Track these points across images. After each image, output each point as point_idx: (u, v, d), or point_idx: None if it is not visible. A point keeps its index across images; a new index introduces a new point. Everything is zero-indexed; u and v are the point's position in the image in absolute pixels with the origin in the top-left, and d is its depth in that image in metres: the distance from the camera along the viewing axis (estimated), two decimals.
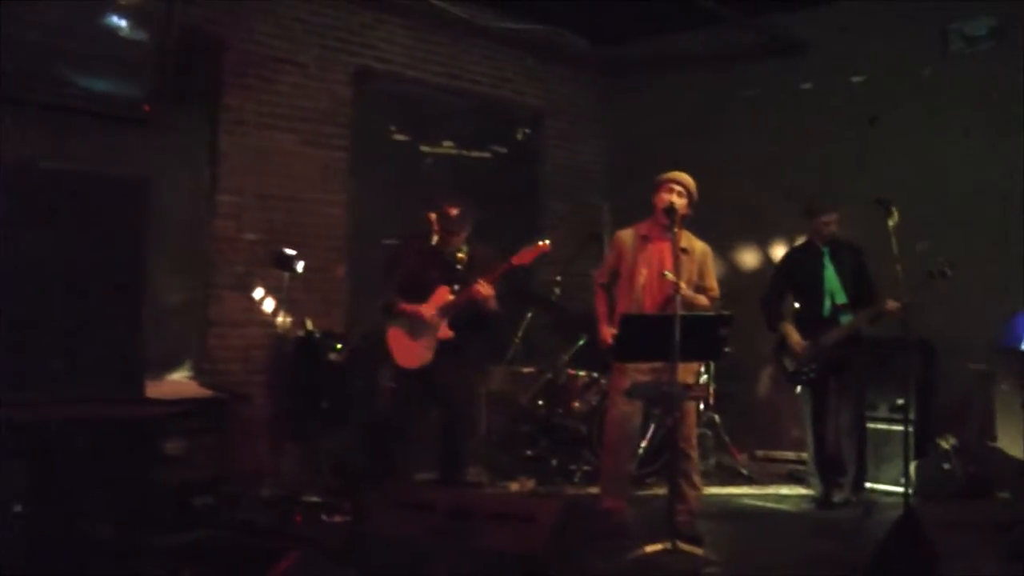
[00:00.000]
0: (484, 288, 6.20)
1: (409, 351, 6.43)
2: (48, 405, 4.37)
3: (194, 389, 5.29)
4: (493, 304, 6.31)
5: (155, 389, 4.71)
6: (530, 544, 4.12)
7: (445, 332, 6.35)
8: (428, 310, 6.37)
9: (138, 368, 4.54)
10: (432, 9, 9.09)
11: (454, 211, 6.39)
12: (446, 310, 6.36)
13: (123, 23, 6.94)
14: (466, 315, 6.38)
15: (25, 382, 4.33)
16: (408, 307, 6.42)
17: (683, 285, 5.88)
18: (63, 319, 4.33)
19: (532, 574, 4.08)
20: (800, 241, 8.07)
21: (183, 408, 4.95)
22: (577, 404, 8.40)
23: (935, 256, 6.91)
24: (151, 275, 6.11)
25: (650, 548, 5.58)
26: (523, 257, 6.31)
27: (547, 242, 6.39)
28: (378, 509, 4.81)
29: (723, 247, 6.66)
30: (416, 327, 6.40)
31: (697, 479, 6.40)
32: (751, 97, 9.64)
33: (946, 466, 7.47)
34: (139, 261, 4.56)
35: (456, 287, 6.38)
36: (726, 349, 6.12)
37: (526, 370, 9.07)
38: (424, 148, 9.18)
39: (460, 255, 6.47)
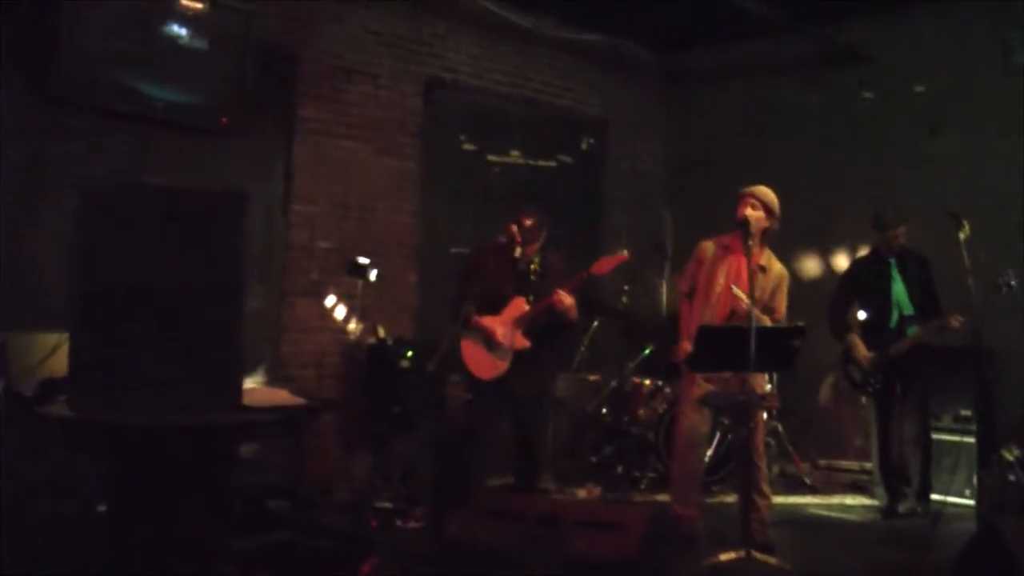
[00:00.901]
0: (565, 298, 6.26)
1: (485, 362, 6.49)
2: (146, 410, 4.49)
3: (285, 396, 5.40)
4: (573, 313, 6.37)
5: (246, 396, 4.82)
6: (621, 552, 4.21)
7: (522, 342, 6.42)
8: (502, 327, 6.43)
9: (238, 377, 4.66)
10: (498, 19, 9.20)
11: (529, 221, 6.47)
12: (522, 321, 6.42)
13: (200, 36, 7.07)
14: (542, 324, 6.46)
15: (124, 387, 4.46)
16: (483, 321, 6.47)
17: (748, 301, 5.89)
18: (165, 329, 4.45)
19: None
20: (865, 251, 8.10)
21: (281, 416, 5.06)
22: (643, 412, 8.47)
23: (1000, 265, 6.92)
24: None
25: (725, 556, 5.65)
26: (602, 266, 6.38)
27: (625, 252, 6.46)
28: (462, 516, 4.89)
29: (785, 256, 6.68)
30: (490, 339, 6.47)
31: (767, 488, 6.45)
32: (812, 106, 9.66)
33: (1011, 477, 7.46)
34: (241, 273, 4.66)
35: (531, 297, 6.45)
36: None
37: (592, 378, 9.17)
38: (491, 157, 9.28)
39: (533, 265, 6.52)
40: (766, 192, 6.37)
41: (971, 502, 7.41)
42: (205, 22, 7.05)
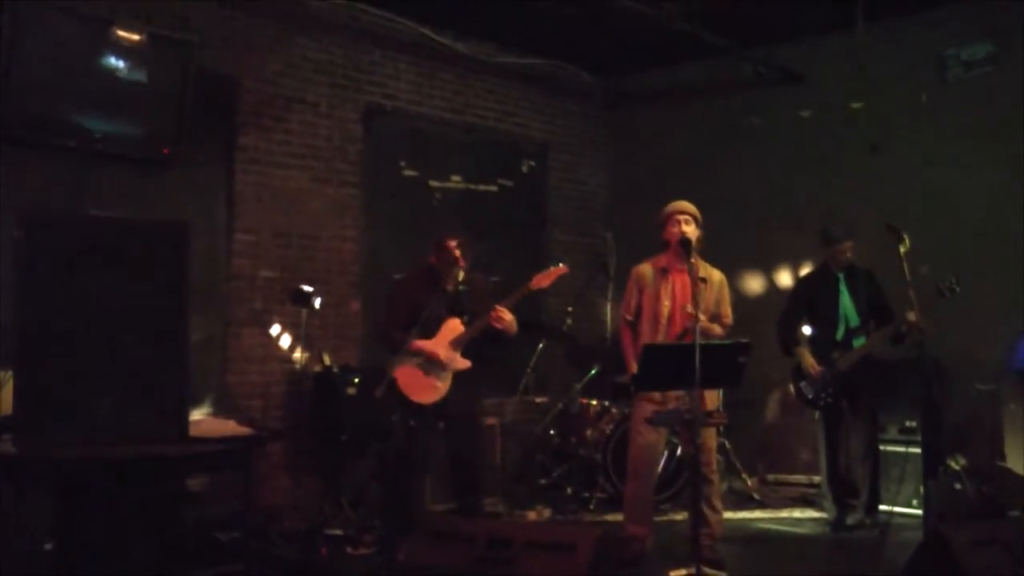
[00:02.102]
0: (505, 314, 6.28)
1: (424, 386, 6.43)
2: (92, 444, 4.44)
3: (232, 427, 5.36)
4: (513, 328, 6.38)
5: (193, 428, 4.78)
6: (571, 572, 4.21)
7: (462, 363, 6.41)
8: (442, 348, 6.42)
9: (183, 408, 4.62)
10: (437, 46, 9.25)
11: (452, 243, 6.47)
12: (460, 341, 6.42)
13: (140, 68, 7.02)
14: (478, 343, 6.46)
15: (71, 422, 4.41)
16: (424, 346, 6.41)
17: (701, 316, 5.96)
18: (110, 361, 4.40)
19: None
20: (809, 268, 8.21)
21: (229, 447, 5.01)
22: (590, 432, 8.49)
23: (942, 277, 7.04)
24: None
25: (674, 573, 5.69)
26: (541, 280, 6.39)
27: (564, 265, 6.51)
28: (412, 541, 4.87)
29: (729, 275, 6.72)
30: (429, 362, 6.44)
31: (718, 503, 6.49)
32: (753, 126, 9.78)
33: (957, 486, 7.56)
34: (184, 304, 4.63)
35: (465, 318, 6.45)
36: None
37: (539, 400, 9.20)
38: (433, 183, 9.29)
39: (461, 286, 6.53)
40: (691, 206, 6.43)
41: (918, 511, 7.49)
42: (144, 54, 7.00)
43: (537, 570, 4.29)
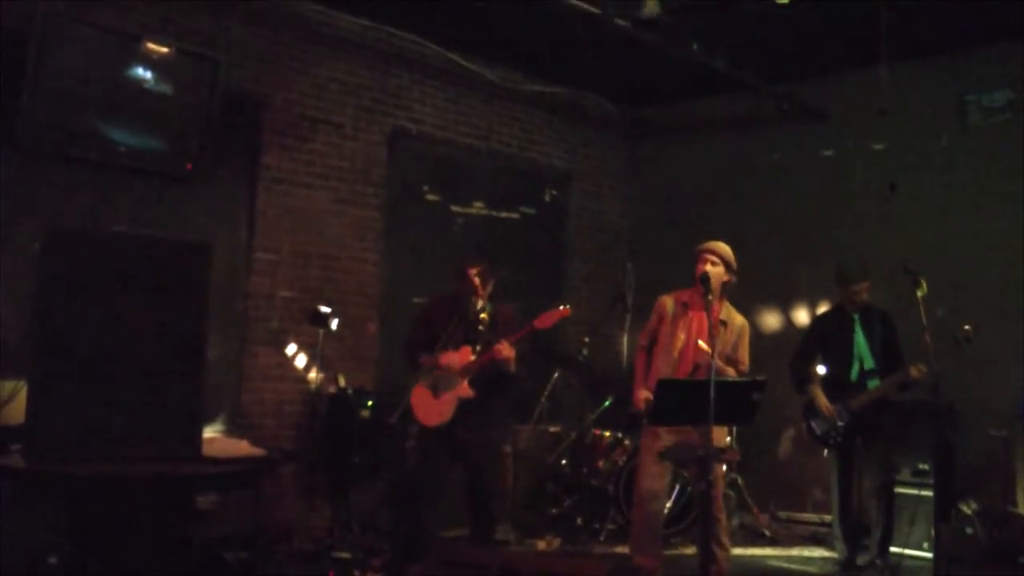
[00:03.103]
0: (505, 349, 6.29)
1: (431, 408, 6.48)
2: (105, 460, 4.46)
3: (245, 448, 5.38)
4: (512, 365, 6.40)
5: (206, 447, 4.80)
6: None
7: (466, 391, 6.41)
8: (446, 358, 6.46)
9: (197, 428, 4.64)
10: (463, 71, 9.29)
11: (472, 271, 6.51)
12: (467, 370, 6.43)
13: (167, 82, 7.08)
14: (487, 375, 6.47)
15: (83, 438, 4.43)
16: (441, 359, 6.46)
17: (716, 358, 5.96)
18: (125, 378, 4.43)
19: None
20: (826, 306, 8.20)
21: (241, 467, 5.03)
22: (603, 463, 8.47)
23: (957, 322, 7.02)
24: None
25: None
26: (544, 321, 6.41)
27: (567, 307, 6.52)
28: (422, 568, 4.87)
29: (746, 310, 6.73)
30: (439, 384, 6.46)
31: (726, 540, 6.47)
32: (774, 162, 9.80)
33: (969, 530, 7.51)
34: (202, 324, 4.66)
35: (478, 347, 6.46)
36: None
37: (552, 429, 9.17)
38: (455, 208, 9.32)
39: (483, 315, 6.55)
40: (723, 247, 6.44)
41: (928, 554, 7.45)
42: (171, 68, 7.06)
43: None
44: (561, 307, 6.51)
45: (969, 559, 7.27)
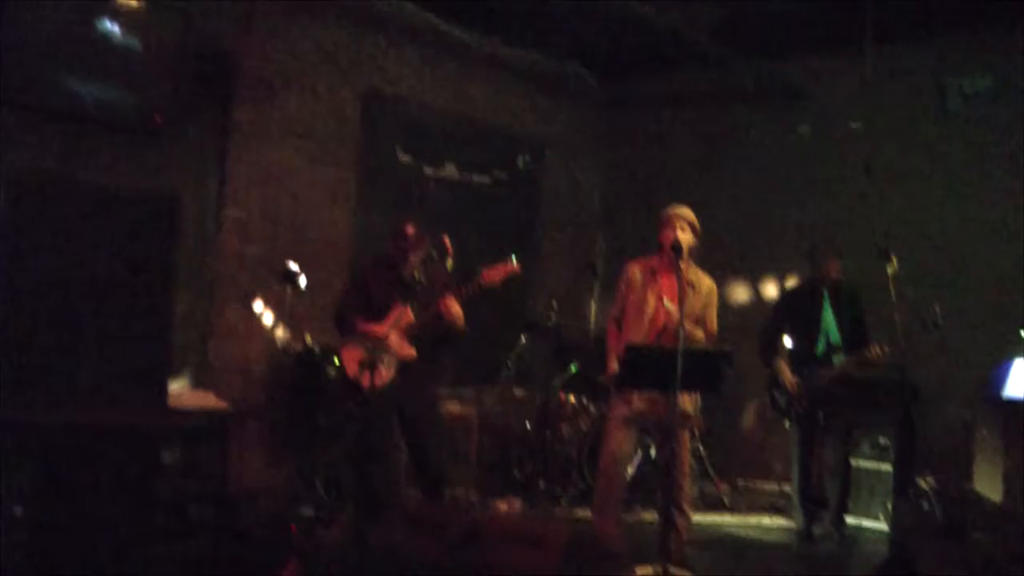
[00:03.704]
0: (453, 306, 6.26)
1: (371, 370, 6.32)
2: (70, 411, 4.45)
3: (211, 401, 5.37)
4: (461, 322, 6.35)
5: (171, 399, 4.79)
6: (541, 566, 4.24)
7: (408, 351, 6.40)
8: (385, 330, 6.41)
9: (163, 379, 4.63)
10: (440, 34, 9.25)
11: (411, 231, 6.47)
12: (408, 330, 6.40)
13: (137, 35, 7.00)
14: (429, 334, 6.46)
15: (50, 387, 4.41)
16: (375, 328, 6.40)
17: (686, 322, 6.01)
18: (92, 329, 4.41)
19: None
20: (795, 281, 8.27)
21: (203, 420, 5.03)
22: (567, 429, 8.52)
23: (926, 302, 7.09)
24: None
25: (641, 571, 5.72)
26: (491, 275, 6.33)
27: (515, 262, 6.44)
28: (385, 525, 4.90)
29: (716, 281, 6.79)
30: (376, 345, 6.37)
31: (688, 507, 6.51)
32: (749, 138, 9.83)
33: (925, 505, 7.62)
34: (169, 276, 4.64)
35: (415, 306, 6.42)
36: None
37: (518, 393, 9.20)
38: (427, 170, 9.30)
39: (417, 274, 6.52)
40: (689, 212, 6.44)
41: (884, 527, 7.57)
42: (140, 21, 6.97)
43: (507, 563, 4.32)
44: (509, 262, 6.41)
45: (924, 534, 7.39)
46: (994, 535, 7.42)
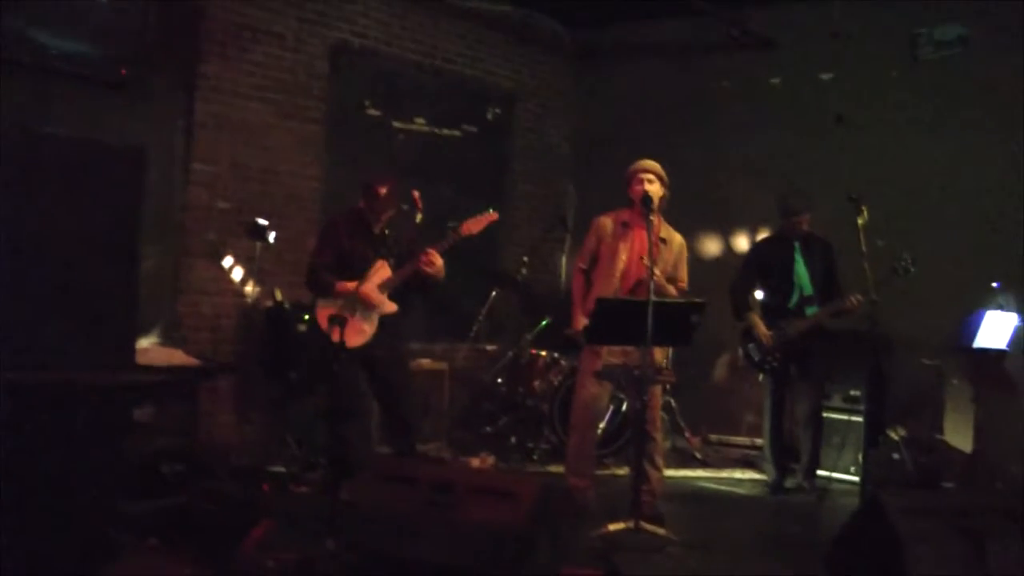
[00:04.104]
0: (436, 258, 6.23)
1: (351, 329, 6.18)
2: (36, 369, 4.39)
3: (180, 357, 5.32)
4: (442, 274, 6.33)
5: (140, 356, 4.74)
6: (512, 520, 4.23)
7: (390, 306, 6.38)
8: (373, 291, 6.38)
9: (131, 336, 4.58)
10: None
11: (384, 190, 6.41)
12: (388, 284, 6.37)
13: None
14: (409, 287, 6.44)
15: (14, 344, 4.34)
16: (358, 288, 6.31)
17: (658, 272, 6.02)
18: (58, 284, 4.34)
19: (514, 548, 4.19)
20: (767, 233, 8.26)
21: (173, 377, 4.98)
22: (538, 383, 8.51)
23: (898, 252, 7.10)
24: None
25: (613, 526, 5.72)
26: (471, 226, 6.35)
27: (494, 211, 6.47)
28: (357, 481, 4.88)
29: (687, 235, 6.76)
30: (356, 305, 6.35)
31: (660, 461, 6.53)
32: (721, 88, 9.79)
33: (895, 456, 7.68)
34: (135, 231, 4.57)
35: (392, 261, 6.39)
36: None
37: (489, 348, 9.20)
38: (396, 124, 9.21)
39: (387, 231, 6.47)
40: (656, 165, 6.44)
41: (856, 478, 7.62)
42: None
43: (479, 516, 4.31)
44: (489, 211, 6.45)
45: (895, 483, 7.46)
46: (964, 484, 7.53)
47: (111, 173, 4.50)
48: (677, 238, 6.55)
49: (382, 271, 6.39)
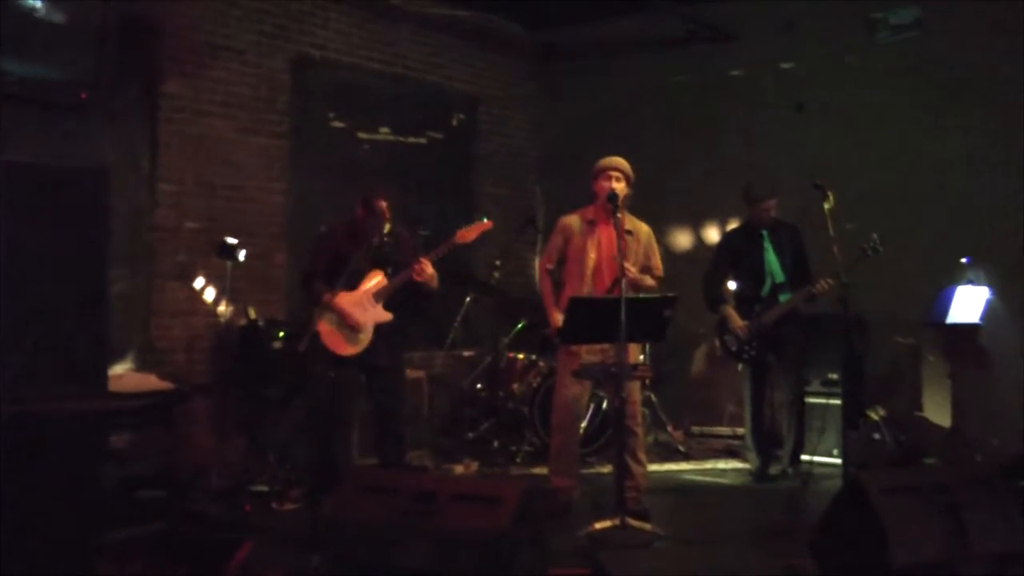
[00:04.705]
0: (428, 267, 6.23)
1: (346, 338, 6.38)
2: (6, 400, 4.34)
3: (154, 382, 5.28)
4: (435, 282, 6.35)
5: (113, 383, 4.69)
6: (495, 524, 4.22)
7: (384, 315, 6.37)
8: (359, 307, 6.35)
9: (102, 363, 4.53)
10: None
11: (382, 204, 6.39)
12: (382, 294, 6.37)
13: (58, 9, 6.82)
14: (402, 296, 6.43)
15: None
16: (340, 304, 6.33)
17: (631, 267, 6.03)
18: (25, 314, 4.30)
19: (499, 553, 4.18)
20: (737, 223, 8.28)
21: (148, 401, 4.94)
22: (517, 386, 8.52)
23: (866, 234, 7.12)
24: None
25: (600, 525, 5.72)
26: (466, 235, 6.36)
27: (488, 220, 6.49)
28: (338, 495, 4.85)
29: (656, 230, 6.77)
30: (345, 322, 6.37)
31: (643, 456, 6.55)
32: (682, 83, 9.81)
33: (876, 435, 7.72)
34: (102, 255, 4.53)
35: (388, 270, 6.40)
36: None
37: (467, 354, 9.19)
38: (361, 135, 9.18)
39: (386, 239, 6.46)
40: (622, 162, 6.47)
41: (838, 461, 7.63)
42: None
43: (462, 523, 4.29)
44: (483, 219, 6.48)
45: (877, 463, 7.49)
46: (945, 459, 7.58)
47: (75, 196, 4.45)
48: (643, 227, 6.57)
49: (377, 281, 6.39)
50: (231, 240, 7.35)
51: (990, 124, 8.09)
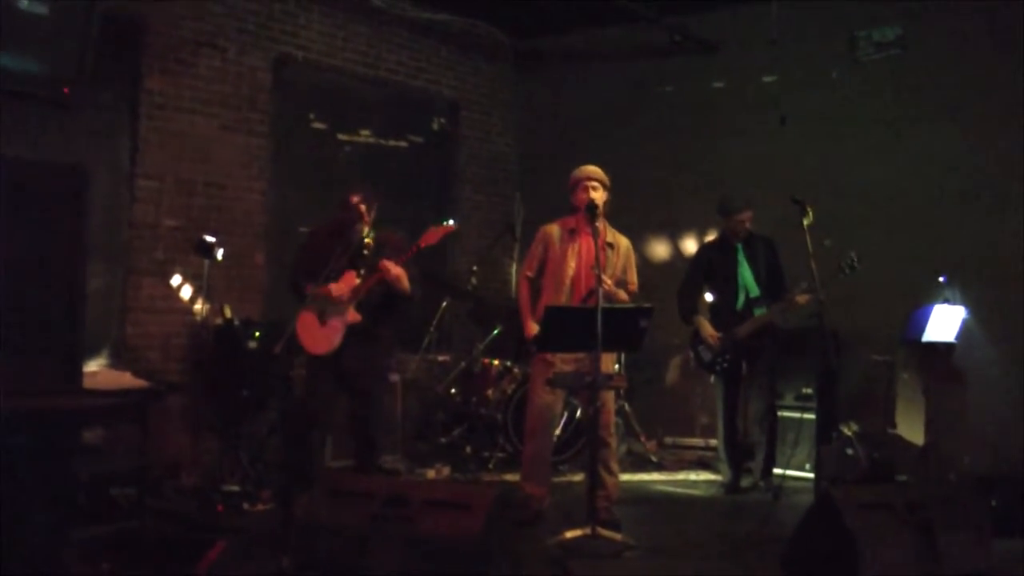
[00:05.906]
0: (392, 268, 6.19)
1: (317, 336, 6.36)
2: None
3: (128, 380, 5.26)
4: (404, 285, 6.29)
5: (88, 380, 4.67)
6: (466, 530, 4.23)
7: (354, 316, 6.32)
8: (336, 289, 6.34)
9: (77, 359, 4.51)
10: None
11: (354, 200, 6.40)
12: (354, 294, 6.34)
13: (41, 1, 6.78)
14: (375, 299, 6.39)
15: None
16: (323, 288, 6.31)
17: (607, 280, 6.04)
18: (4, 309, 4.27)
19: (470, 558, 4.18)
20: (713, 235, 8.31)
21: (122, 399, 4.91)
22: (491, 393, 8.52)
23: (843, 251, 7.16)
24: None
25: (570, 533, 5.71)
26: (429, 237, 6.32)
27: (453, 223, 6.47)
28: (310, 497, 4.85)
29: (635, 239, 6.79)
30: (325, 311, 6.34)
31: (615, 466, 6.56)
32: (664, 93, 9.84)
33: (849, 451, 7.74)
34: (79, 251, 4.51)
35: (362, 271, 6.36)
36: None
37: (441, 359, 9.19)
38: (342, 136, 9.18)
39: (368, 240, 6.44)
40: (599, 171, 6.48)
41: (810, 475, 7.66)
42: None
43: (434, 528, 4.30)
44: (447, 222, 6.43)
45: (849, 479, 7.51)
46: (918, 477, 7.61)
47: (53, 192, 4.44)
48: (623, 241, 6.59)
49: (349, 280, 6.36)
50: (209, 238, 7.33)
51: (970, 142, 8.15)
